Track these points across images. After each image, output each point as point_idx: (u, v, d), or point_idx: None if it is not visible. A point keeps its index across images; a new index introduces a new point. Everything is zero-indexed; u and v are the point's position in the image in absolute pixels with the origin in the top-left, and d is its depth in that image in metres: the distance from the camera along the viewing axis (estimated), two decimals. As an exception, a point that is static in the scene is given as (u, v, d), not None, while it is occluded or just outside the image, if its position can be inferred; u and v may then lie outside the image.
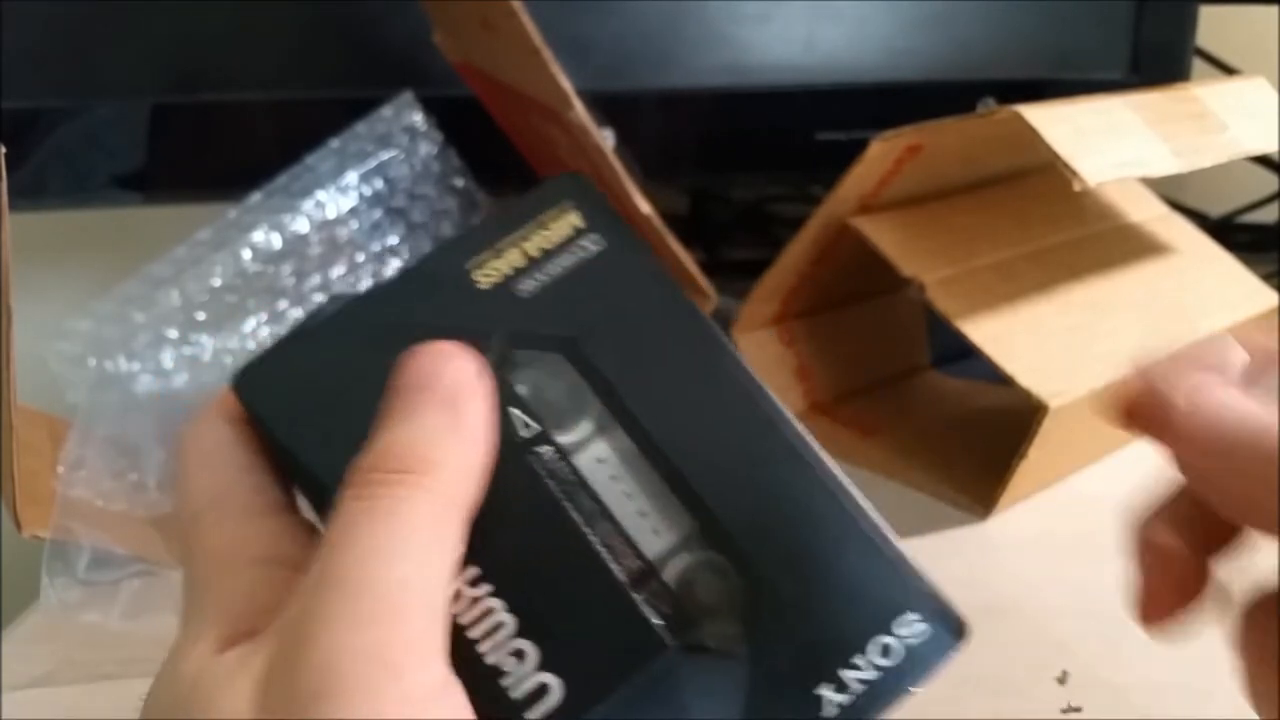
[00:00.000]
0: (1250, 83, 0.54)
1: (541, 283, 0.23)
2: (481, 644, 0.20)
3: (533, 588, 0.21)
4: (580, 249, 0.24)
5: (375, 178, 0.58)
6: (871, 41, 0.65)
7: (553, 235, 0.24)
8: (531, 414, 0.23)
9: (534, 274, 0.24)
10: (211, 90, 0.59)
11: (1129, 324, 0.51)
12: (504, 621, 0.21)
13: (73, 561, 0.43)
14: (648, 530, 0.22)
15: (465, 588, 0.21)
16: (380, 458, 0.20)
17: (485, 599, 0.21)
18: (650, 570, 0.22)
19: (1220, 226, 0.72)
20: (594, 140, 0.49)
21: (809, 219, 0.50)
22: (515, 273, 0.23)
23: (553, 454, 0.22)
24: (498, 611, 0.21)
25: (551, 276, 0.24)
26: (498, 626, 0.21)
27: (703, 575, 0.22)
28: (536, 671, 0.20)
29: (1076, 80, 0.67)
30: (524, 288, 0.23)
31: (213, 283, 0.55)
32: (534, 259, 0.24)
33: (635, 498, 0.22)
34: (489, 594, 0.21)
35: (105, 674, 0.39)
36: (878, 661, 0.21)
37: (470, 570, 0.21)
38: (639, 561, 0.22)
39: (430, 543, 0.20)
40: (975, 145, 0.50)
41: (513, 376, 0.23)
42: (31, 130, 0.57)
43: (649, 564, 0.22)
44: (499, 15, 0.47)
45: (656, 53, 0.63)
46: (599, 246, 0.24)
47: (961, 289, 0.48)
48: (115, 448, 0.48)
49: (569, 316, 0.23)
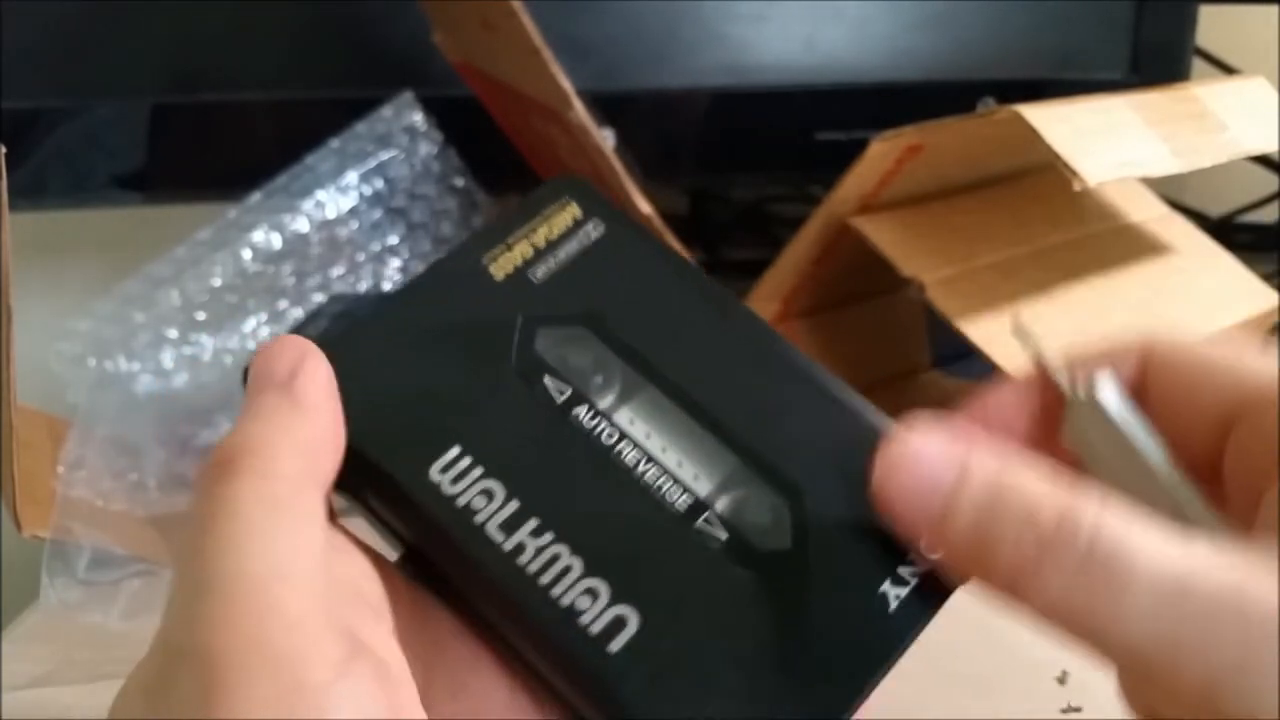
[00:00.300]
0: (1250, 83, 0.54)
1: (552, 269, 0.25)
2: (554, 588, 0.22)
3: (592, 529, 0.22)
4: (583, 235, 0.26)
5: (375, 178, 0.58)
6: (871, 41, 0.65)
7: (555, 227, 0.26)
8: (563, 381, 0.24)
9: (544, 261, 0.25)
10: (211, 90, 0.59)
11: (1129, 324, 0.51)
12: (571, 564, 0.22)
13: (73, 561, 0.43)
14: (690, 476, 0.23)
15: (528, 539, 0.22)
16: (213, 455, 0.20)
17: (549, 546, 0.22)
18: (700, 504, 0.23)
19: (1220, 226, 0.72)
20: (594, 140, 0.49)
21: (809, 219, 0.50)
22: (526, 262, 0.25)
23: (589, 414, 0.24)
24: (564, 556, 0.22)
25: (560, 262, 0.26)
26: (566, 570, 0.22)
27: (749, 503, 0.23)
28: (611, 605, 0.21)
29: (1076, 80, 0.67)
30: (536, 274, 0.25)
31: (213, 283, 0.55)
32: (540, 249, 0.26)
33: (672, 448, 0.24)
34: (551, 541, 0.22)
35: (105, 674, 0.39)
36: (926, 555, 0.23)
37: (530, 522, 0.22)
38: (687, 495, 0.23)
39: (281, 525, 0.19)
40: (975, 145, 0.50)
41: (540, 352, 0.24)
42: (31, 130, 0.57)
43: (698, 499, 0.23)
44: (499, 15, 0.47)
45: (656, 53, 0.63)
46: (599, 231, 0.26)
47: (961, 289, 0.48)
48: (115, 448, 0.48)
49: (584, 294, 0.25)
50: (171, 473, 0.48)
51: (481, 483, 0.22)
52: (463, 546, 0.22)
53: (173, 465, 0.48)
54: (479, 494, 0.22)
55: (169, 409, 0.53)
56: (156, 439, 0.49)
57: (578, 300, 0.25)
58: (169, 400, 0.54)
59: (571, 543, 0.22)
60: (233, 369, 0.54)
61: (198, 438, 0.51)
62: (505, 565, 0.22)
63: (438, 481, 0.22)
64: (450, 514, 0.22)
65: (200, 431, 0.51)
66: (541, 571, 0.22)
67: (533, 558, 0.22)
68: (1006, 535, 0.19)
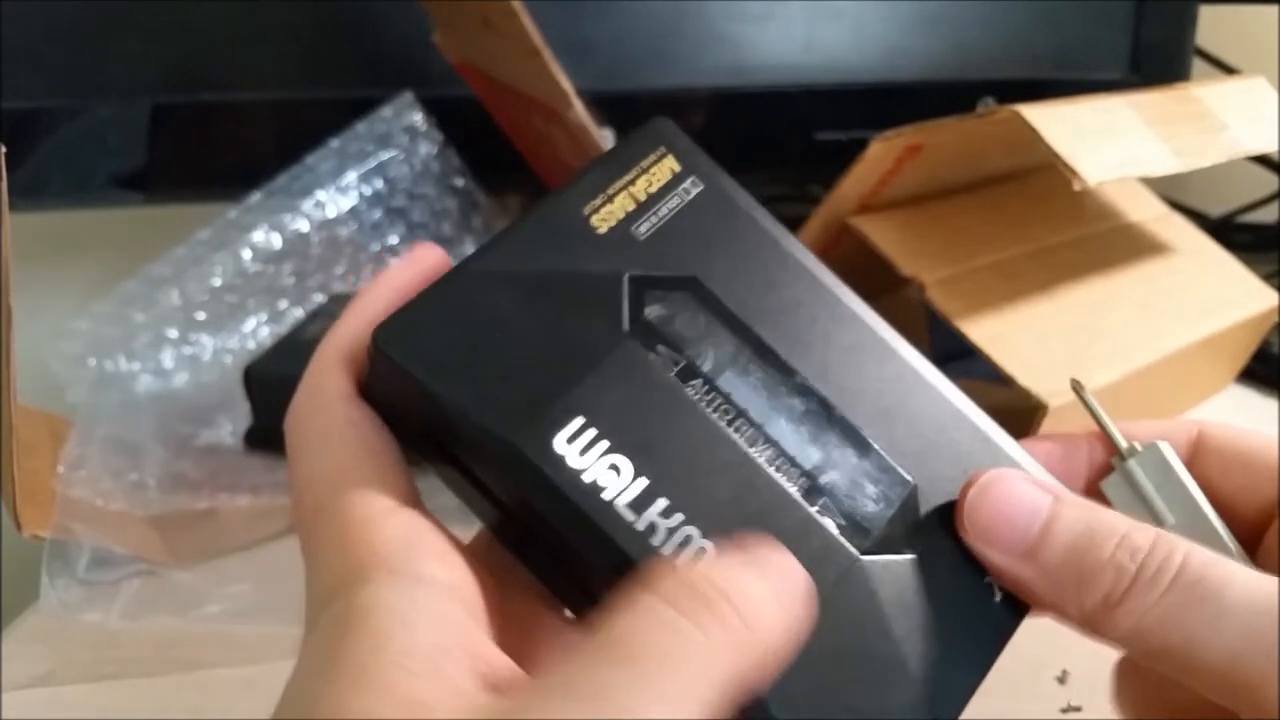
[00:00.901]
0: (1250, 83, 0.54)
1: (655, 225, 0.25)
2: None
3: (721, 512, 0.22)
4: (683, 192, 0.25)
5: (375, 178, 0.58)
6: (871, 41, 0.65)
7: (654, 179, 0.25)
8: (676, 350, 0.24)
9: (647, 217, 0.25)
10: (211, 90, 0.59)
11: (1129, 324, 0.51)
12: (704, 547, 0.21)
13: (73, 561, 0.43)
14: (804, 459, 0.23)
15: (658, 519, 0.21)
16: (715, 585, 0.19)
17: (680, 528, 0.21)
18: (816, 488, 0.23)
19: (1220, 226, 0.72)
20: (594, 140, 0.49)
21: (809, 219, 0.50)
22: (628, 216, 0.25)
23: (703, 386, 0.23)
24: (695, 539, 0.21)
25: (662, 218, 0.25)
26: (700, 554, 0.21)
27: (860, 484, 0.23)
28: None
29: (1076, 80, 0.67)
30: (640, 230, 0.25)
31: (213, 283, 0.55)
32: (642, 203, 0.25)
33: (785, 429, 0.23)
34: (681, 523, 0.21)
35: (105, 674, 0.39)
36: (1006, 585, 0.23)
37: (660, 502, 0.21)
38: (804, 477, 0.23)
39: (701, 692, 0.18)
40: (975, 145, 0.50)
41: (649, 317, 0.24)
42: (31, 130, 0.57)
43: (812, 479, 0.23)
44: (499, 15, 0.47)
45: (656, 53, 0.63)
46: (698, 188, 0.25)
47: (961, 289, 0.48)
48: (115, 448, 0.48)
49: (687, 255, 0.25)
50: (171, 472, 0.48)
51: (608, 457, 0.22)
52: (595, 524, 0.21)
53: (172, 465, 0.48)
54: (607, 469, 0.21)
55: (169, 409, 0.53)
56: (156, 438, 0.49)
57: (682, 262, 0.24)
58: (169, 400, 0.54)
59: (701, 525, 0.22)
60: (233, 369, 0.54)
61: (198, 437, 0.51)
62: (640, 546, 0.21)
63: (563, 454, 0.21)
64: (578, 490, 0.21)
65: (200, 431, 0.51)
66: (676, 553, 0.21)
67: (665, 539, 0.21)
68: (1104, 560, 0.21)
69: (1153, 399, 0.54)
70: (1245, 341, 0.58)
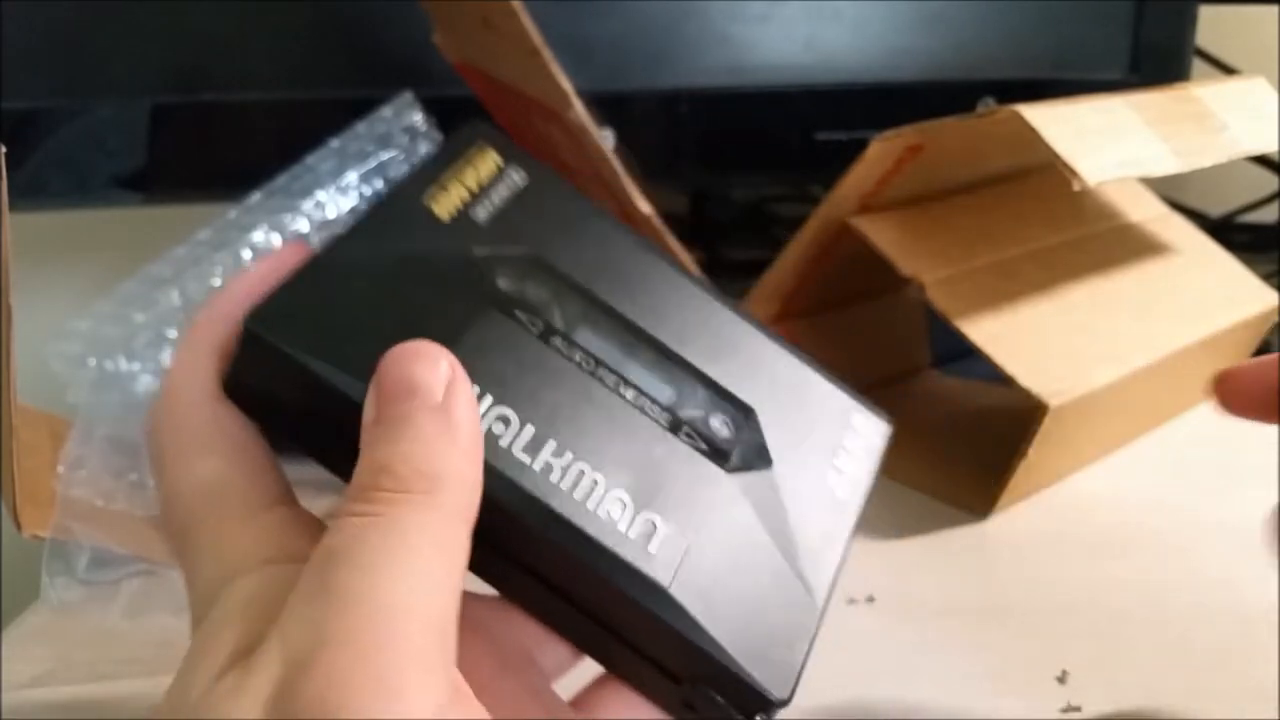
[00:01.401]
0: (1250, 83, 0.54)
1: (491, 211, 0.28)
2: (589, 501, 0.23)
3: (605, 449, 0.24)
4: (512, 182, 0.29)
5: (375, 178, 0.58)
6: (871, 41, 0.65)
7: (482, 171, 0.28)
8: (533, 314, 0.26)
9: (483, 204, 0.28)
10: (211, 90, 0.59)
11: (1129, 324, 0.51)
12: (597, 479, 0.24)
13: (73, 561, 0.43)
14: (661, 396, 0.26)
15: (551, 459, 0.23)
16: (382, 474, 0.20)
17: (573, 464, 0.24)
18: (677, 420, 0.26)
19: (1220, 226, 0.72)
20: (594, 140, 0.49)
21: (809, 219, 0.50)
22: (465, 205, 0.27)
23: (563, 343, 0.26)
24: (589, 472, 0.24)
25: (497, 206, 0.28)
26: (594, 484, 0.24)
27: (713, 414, 0.27)
28: (639, 513, 0.24)
29: (1076, 80, 0.67)
30: (479, 215, 0.27)
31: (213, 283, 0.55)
32: (476, 194, 0.28)
33: (640, 373, 0.26)
34: (572, 460, 0.24)
35: (105, 674, 0.39)
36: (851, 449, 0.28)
37: (549, 444, 0.24)
38: (665, 413, 0.26)
39: (433, 559, 0.19)
40: (975, 145, 0.50)
41: (503, 287, 0.26)
42: (31, 130, 0.57)
43: (673, 413, 0.26)
44: (499, 15, 0.47)
45: (656, 53, 0.63)
46: (523, 178, 0.29)
47: (961, 289, 0.48)
48: (115, 448, 0.48)
49: (525, 235, 0.27)
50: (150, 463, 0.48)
51: (495, 409, 0.23)
52: (493, 468, 0.22)
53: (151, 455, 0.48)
54: (496, 420, 0.23)
55: (169, 409, 0.52)
56: (156, 439, 0.49)
57: (523, 239, 0.27)
58: (169, 400, 0.53)
59: (589, 460, 0.24)
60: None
61: (198, 438, 0.51)
62: (542, 483, 0.23)
63: None
64: None
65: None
66: (574, 487, 0.23)
67: (562, 475, 0.23)
68: None
69: (1153, 399, 0.54)
70: (1245, 341, 0.58)
